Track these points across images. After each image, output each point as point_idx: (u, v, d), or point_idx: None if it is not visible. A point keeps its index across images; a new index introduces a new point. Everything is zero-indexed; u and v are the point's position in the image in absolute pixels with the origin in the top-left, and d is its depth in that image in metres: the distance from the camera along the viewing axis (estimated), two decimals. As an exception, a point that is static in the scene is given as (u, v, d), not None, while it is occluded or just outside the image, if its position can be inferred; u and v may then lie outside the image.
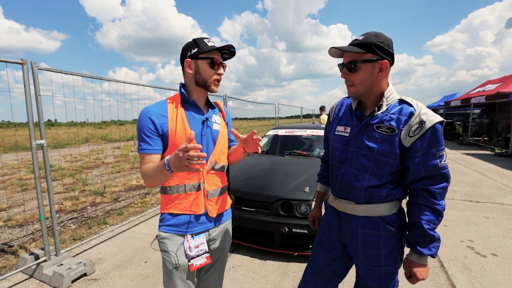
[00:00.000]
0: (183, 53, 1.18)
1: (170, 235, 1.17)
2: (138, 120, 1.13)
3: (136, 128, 1.13)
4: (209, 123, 1.23)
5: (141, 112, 1.13)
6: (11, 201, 5.01)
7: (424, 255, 1.05)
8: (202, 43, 1.15)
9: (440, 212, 1.04)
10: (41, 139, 2.37)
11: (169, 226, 1.17)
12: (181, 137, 1.13)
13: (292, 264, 2.60)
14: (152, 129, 1.10)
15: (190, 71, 1.16)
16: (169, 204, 1.19)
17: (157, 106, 1.15)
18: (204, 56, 1.14)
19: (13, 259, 2.84)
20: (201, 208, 1.19)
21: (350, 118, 1.20)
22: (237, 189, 2.89)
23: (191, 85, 1.20)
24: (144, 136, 1.10)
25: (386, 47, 1.02)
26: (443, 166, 1.02)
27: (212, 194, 1.23)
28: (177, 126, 1.13)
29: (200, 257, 1.18)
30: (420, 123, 1.00)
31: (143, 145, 1.10)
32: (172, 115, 1.14)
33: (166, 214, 1.19)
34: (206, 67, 1.15)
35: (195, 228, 1.19)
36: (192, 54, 1.14)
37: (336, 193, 1.24)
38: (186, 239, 1.17)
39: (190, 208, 1.18)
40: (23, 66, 2.22)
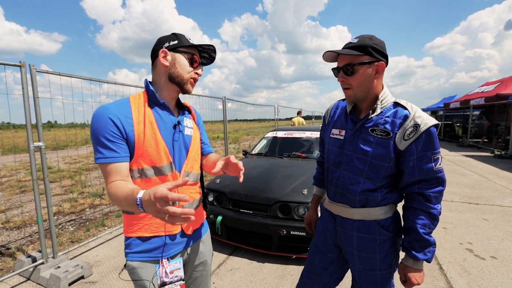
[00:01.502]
0: (158, 43, 1.01)
1: (142, 263, 0.99)
2: (92, 122, 0.91)
3: (91, 132, 0.91)
4: (181, 128, 1.07)
5: (98, 111, 0.91)
6: (10, 203, 5.00)
7: (420, 259, 1.04)
8: (183, 38, 1.02)
9: (436, 217, 1.03)
10: (39, 141, 2.37)
11: (140, 253, 0.99)
12: (151, 145, 0.96)
13: (291, 266, 2.59)
14: (116, 132, 0.90)
15: (166, 62, 0.99)
16: (136, 225, 0.99)
17: (119, 106, 0.95)
18: (185, 50, 1.01)
19: (10, 261, 2.83)
20: (177, 227, 1.03)
21: (345, 121, 1.19)
22: (235, 191, 2.88)
23: (163, 81, 1.02)
24: (106, 141, 0.89)
25: (381, 49, 1.03)
26: (438, 169, 1.02)
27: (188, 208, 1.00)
28: (145, 130, 0.95)
29: (173, 284, 1.00)
30: (415, 126, 1.00)
31: (106, 152, 0.89)
32: (139, 117, 0.95)
33: (134, 239, 1.00)
34: (185, 62, 1.01)
35: (171, 251, 1.03)
36: (170, 45, 0.99)
37: (331, 197, 1.24)
38: (161, 264, 1.00)
39: (164, 228, 1.00)
40: (22, 69, 2.23)
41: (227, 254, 2.84)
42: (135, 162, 0.96)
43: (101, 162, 0.90)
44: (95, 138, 0.91)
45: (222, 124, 5.70)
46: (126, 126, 0.92)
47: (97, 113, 0.92)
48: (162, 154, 0.98)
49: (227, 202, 2.87)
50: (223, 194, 2.93)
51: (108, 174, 0.90)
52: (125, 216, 1.03)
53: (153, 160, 0.97)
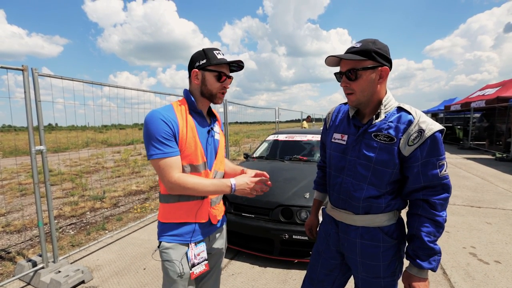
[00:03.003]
0: (191, 62, 1.17)
1: (174, 244, 1.15)
2: (147, 124, 1.06)
3: (146, 133, 1.06)
4: (213, 133, 1.24)
5: (151, 115, 1.07)
6: (10, 206, 4.99)
7: (424, 268, 1.02)
8: (211, 54, 1.14)
9: (441, 224, 1.01)
10: (41, 145, 2.37)
11: (172, 236, 1.16)
12: (191, 147, 1.11)
13: (293, 271, 2.57)
14: (169, 132, 1.06)
15: (197, 81, 1.16)
16: (171, 213, 1.17)
17: (167, 110, 1.10)
18: (212, 68, 1.13)
19: (10, 266, 2.82)
20: (205, 216, 1.21)
21: (347, 125, 1.18)
22: (236, 195, 2.87)
23: (197, 95, 1.19)
24: (163, 140, 1.04)
25: (384, 53, 1.01)
26: (444, 176, 1.00)
27: (215, 201, 1.26)
28: (187, 134, 1.11)
29: (200, 264, 1.19)
30: (420, 132, 0.98)
31: (165, 149, 1.05)
32: (183, 122, 1.12)
33: (169, 224, 1.17)
34: (213, 80, 1.15)
35: (198, 236, 1.19)
36: (200, 65, 1.14)
37: (334, 203, 1.22)
38: (190, 248, 1.17)
39: (194, 216, 1.18)
40: (24, 72, 2.23)
41: (228, 259, 2.82)
42: None
43: (160, 157, 1.04)
44: (151, 138, 1.05)
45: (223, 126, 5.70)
46: (175, 129, 1.08)
47: (151, 115, 1.07)
48: (199, 154, 1.15)
49: (228, 206, 2.86)
50: (224, 197, 2.92)
51: (170, 167, 1.05)
52: (163, 205, 1.19)
53: (191, 159, 1.13)
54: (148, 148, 1.06)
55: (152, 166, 1.14)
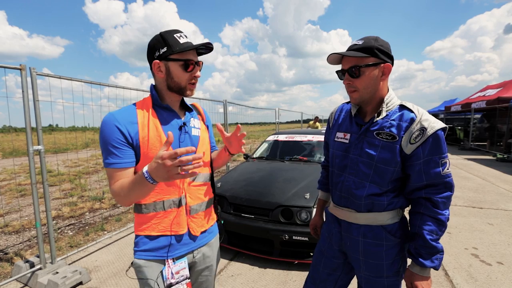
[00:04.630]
0: (150, 52, 0.99)
1: (148, 261, 1.02)
2: (101, 129, 0.95)
3: (100, 138, 0.95)
4: (187, 128, 1.07)
5: (105, 119, 0.95)
6: (9, 207, 4.97)
7: (427, 267, 1.01)
8: (172, 40, 0.96)
9: (443, 223, 1.00)
10: (39, 145, 2.35)
11: (146, 252, 1.02)
12: (155, 147, 0.98)
13: (293, 272, 2.54)
14: (121, 139, 0.93)
15: (160, 74, 0.99)
16: (145, 224, 1.02)
17: (125, 112, 0.98)
18: (176, 57, 0.96)
19: (8, 266, 2.79)
20: (183, 227, 1.04)
21: (349, 124, 1.17)
22: (236, 195, 2.85)
23: (163, 89, 1.03)
24: (112, 148, 0.93)
25: (386, 50, 1.01)
26: (446, 174, 0.99)
27: (196, 209, 1.08)
28: (149, 134, 0.97)
29: (179, 284, 1.03)
30: (421, 130, 0.97)
31: (111, 159, 0.93)
32: (143, 121, 0.98)
33: (142, 237, 1.03)
34: (179, 70, 0.98)
35: (176, 251, 1.04)
36: (161, 55, 0.96)
37: (336, 201, 1.21)
38: (167, 265, 1.02)
39: (170, 228, 1.02)
40: (22, 72, 2.22)
41: (228, 260, 2.80)
42: (142, 164, 0.97)
43: (108, 167, 0.95)
44: (102, 145, 0.95)
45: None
46: (131, 132, 0.95)
47: (104, 121, 0.95)
48: None
49: (228, 206, 2.83)
50: (224, 198, 2.89)
51: (112, 178, 0.94)
52: (136, 215, 1.05)
53: None
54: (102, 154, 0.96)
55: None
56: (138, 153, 0.97)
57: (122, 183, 0.91)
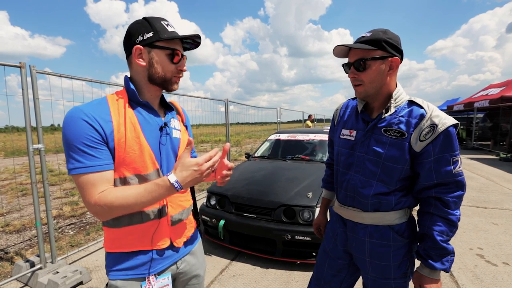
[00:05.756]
0: (129, 36, 0.86)
1: (126, 281, 0.87)
2: (65, 126, 0.77)
3: (63, 139, 0.77)
4: (168, 130, 0.94)
5: (70, 114, 0.78)
6: (10, 206, 4.96)
7: (437, 269, 0.97)
8: (159, 25, 0.85)
9: (455, 223, 0.97)
10: (39, 143, 2.33)
11: (123, 271, 0.87)
12: (134, 150, 0.83)
13: (295, 272, 2.51)
14: (95, 136, 0.77)
15: (142, 62, 0.86)
16: (119, 240, 0.87)
17: (96, 106, 0.82)
18: (163, 45, 0.85)
19: (8, 266, 2.78)
20: (165, 241, 0.92)
21: (355, 121, 1.14)
22: (238, 194, 2.82)
23: (142, 81, 0.89)
24: (85, 148, 0.76)
25: (395, 44, 0.97)
26: (458, 172, 0.95)
27: (178, 219, 0.96)
28: (127, 134, 0.82)
29: None
30: (432, 126, 0.94)
31: (86, 161, 0.76)
32: (119, 119, 0.83)
33: (117, 254, 0.88)
34: (165, 60, 0.87)
35: (158, 266, 0.92)
36: (145, 40, 0.83)
37: (341, 200, 1.17)
38: (147, 282, 0.89)
39: (150, 242, 0.89)
40: (21, 70, 2.19)
41: (229, 259, 2.77)
42: (116, 170, 0.83)
43: (81, 173, 0.76)
44: (69, 145, 0.76)
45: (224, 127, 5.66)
46: (106, 130, 0.79)
47: (70, 116, 0.77)
48: (147, 160, 0.86)
49: (229, 205, 2.81)
50: (225, 197, 2.86)
51: (93, 185, 0.76)
52: (107, 230, 0.89)
53: (136, 168, 0.84)
54: (66, 159, 0.77)
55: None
56: (112, 157, 0.81)
57: (123, 194, 0.77)
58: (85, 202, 0.78)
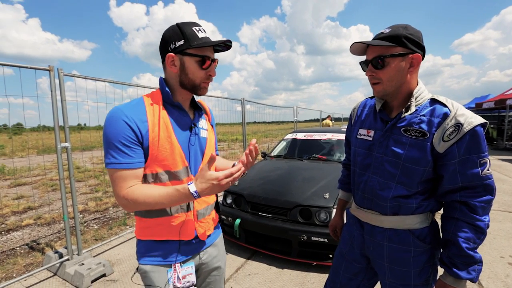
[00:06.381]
0: (164, 44, 0.92)
1: (154, 267, 0.97)
2: (107, 124, 0.86)
3: (104, 136, 0.86)
4: (197, 130, 1.01)
5: (112, 114, 0.86)
6: (42, 200, 5.31)
7: (462, 278, 0.91)
8: (190, 32, 0.89)
9: (483, 230, 0.90)
10: (66, 142, 2.47)
11: (152, 257, 0.97)
12: (166, 149, 0.90)
13: (311, 274, 2.48)
14: (132, 136, 0.85)
15: (174, 69, 0.92)
16: (149, 229, 0.97)
17: (134, 107, 0.89)
18: (194, 52, 0.90)
19: (40, 256, 2.98)
20: (191, 232, 1.00)
21: (373, 120, 1.10)
22: (254, 194, 2.83)
23: (175, 85, 0.96)
24: (121, 146, 0.84)
25: (416, 39, 0.92)
26: (486, 175, 0.89)
27: (203, 213, 1.04)
28: (160, 134, 0.90)
29: None
30: (457, 126, 0.88)
31: (121, 158, 0.84)
32: (154, 119, 0.90)
33: (147, 242, 0.98)
34: (195, 67, 0.91)
35: (184, 255, 1.00)
36: (177, 48, 0.89)
37: (358, 202, 1.14)
38: (174, 269, 0.97)
39: (178, 233, 0.97)
40: (50, 73, 2.33)
41: (245, 258, 2.79)
42: (148, 166, 0.91)
43: (114, 168, 0.85)
44: (108, 142, 0.85)
45: (241, 126, 5.69)
46: (142, 130, 0.87)
47: (111, 115, 0.86)
48: (177, 158, 0.93)
49: (245, 204, 2.82)
50: (241, 196, 2.88)
51: (123, 180, 0.85)
52: (138, 219, 0.98)
53: (167, 165, 0.92)
54: (105, 154, 0.87)
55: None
56: (146, 154, 0.89)
57: (147, 193, 0.84)
58: (115, 194, 0.87)
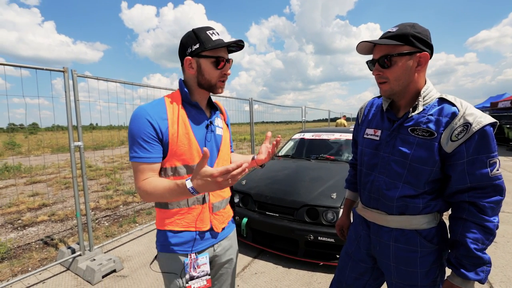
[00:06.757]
0: (182, 48, 1.01)
1: (172, 255, 1.04)
2: (132, 121, 0.95)
3: (129, 132, 0.95)
4: (213, 127, 1.09)
5: (136, 113, 0.96)
6: (55, 198, 5.47)
7: (470, 279, 0.90)
8: (204, 36, 0.97)
9: (492, 231, 0.89)
10: (79, 141, 2.54)
11: (170, 246, 1.04)
12: (184, 144, 0.99)
13: (318, 274, 2.47)
14: (152, 133, 0.94)
15: (191, 71, 1.01)
16: (168, 219, 1.04)
17: (155, 106, 0.98)
18: (208, 54, 0.97)
19: (53, 251, 3.08)
20: (207, 224, 1.07)
21: (380, 120, 1.09)
22: (261, 193, 2.84)
23: (193, 86, 1.05)
24: (142, 142, 0.93)
25: (424, 38, 0.92)
26: (495, 176, 0.88)
27: (217, 206, 1.11)
28: (179, 131, 0.98)
29: (200, 279, 1.05)
30: (465, 125, 0.87)
31: (141, 153, 0.94)
32: (173, 117, 0.99)
33: (166, 232, 1.05)
34: (211, 67, 0.99)
35: (199, 246, 1.07)
36: (193, 51, 0.97)
37: (365, 202, 1.14)
38: (190, 258, 1.04)
39: (194, 224, 1.05)
40: (65, 74, 2.41)
41: (251, 257, 2.80)
42: (168, 160, 0.99)
43: (135, 161, 0.95)
44: (132, 138, 0.95)
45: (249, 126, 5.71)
46: (162, 127, 0.96)
47: (135, 114, 0.96)
48: (194, 153, 1.01)
49: (252, 204, 2.84)
50: (249, 195, 2.90)
51: (141, 172, 0.94)
52: (158, 210, 1.07)
53: (186, 159, 1.00)
54: (129, 148, 0.96)
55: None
56: (166, 149, 0.98)
57: (155, 185, 0.90)
58: (135, 184, 0.97)
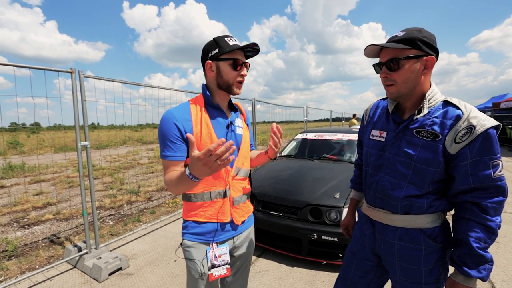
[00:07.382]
0: (203, 54, 1.13)
1: (195, 243, 1.14)
2: (161, 124, 1.07)
3: (159, 133, 1.08)
4: (233, 127, 1.19)
5: (164, 116, 1.08)
6: (60, 197, 5.52)
7: (472, 277, 0.93)
8: (223, 42, 1.08)
9: (494, 230, 0.92)
10: (86, 141, 2.58)
11: (194, 235, 1.15)
12: (206, 143, 1.08)
13: (321, 272, 2.50)
14: (178, 135, 1.05)
15: (212, 73, 1.11)
16: (193, 211, 1.15)
17: (181, 110, 1.09)
18: (226, 57, 1.08)
19: (59, 249, 3.12)
20: (227, 216, 1.16)
21: (386, 121, 1.12)
22: (265, 193, 2.87)
23: (214, 88, 1.15)
24: (169, 143, 1.05)
25: (430, 42, 0.95)
26: (498, 177, 0.90)
27: (238, 201, 1.20)
28: (202, 131, 1.08)
29: (221, 267, 1.14)
30: (469, 128, 0.90)
31: (167, 152, 1.05)
32: (197, 119, 1.09)
33: (191, 222, 1.16)
34: (228, 69, 1.09)
35: (220, 237, 1.16)
36: (213, 55, 1.08)
37: (370, 201, 1.17)
38: (211, 248, 1.14)
39: (216, 216, 1.14)
40: (72, 75, 2.45)
41: (255, 256, 2.84)
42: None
43: (163, 158, 1.07)
44: (161, 139, 1.06)
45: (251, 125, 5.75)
46: (186, 128, 1.06)
47: (164, 117, 1.07)
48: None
49: (256, 203, 2.87)
50: (252, 195, 2.92)
51: (166, 168, 1.06)
52: (185, 202, 1.18)
53: None
54: (160, 147, 1.09)
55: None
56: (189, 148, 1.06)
57: (171, 176, 1.01)
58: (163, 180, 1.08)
